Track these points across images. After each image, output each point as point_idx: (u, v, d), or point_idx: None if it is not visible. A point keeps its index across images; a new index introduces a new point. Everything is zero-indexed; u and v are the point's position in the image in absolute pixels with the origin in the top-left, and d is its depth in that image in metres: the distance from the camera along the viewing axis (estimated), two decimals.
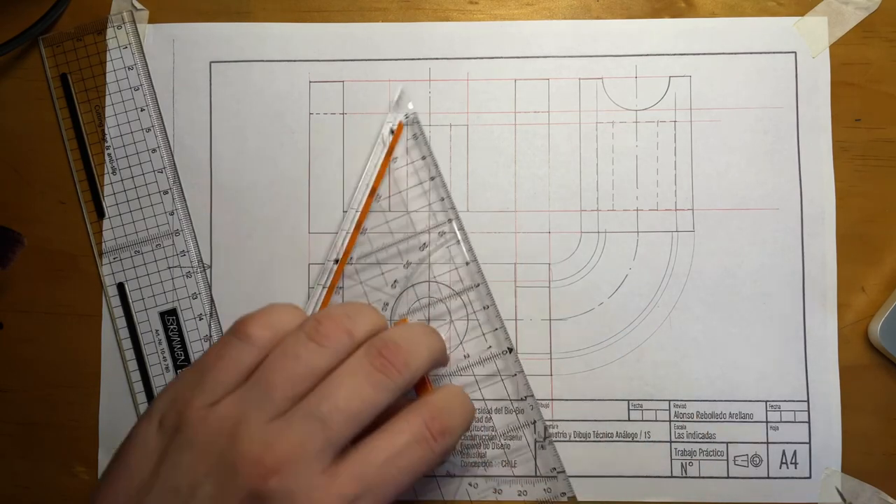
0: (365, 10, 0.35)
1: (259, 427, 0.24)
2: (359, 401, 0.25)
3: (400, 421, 0.26)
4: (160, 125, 0.35)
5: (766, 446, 0.33)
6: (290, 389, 0.25)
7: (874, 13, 0.34)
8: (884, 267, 0.34)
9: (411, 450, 0.25)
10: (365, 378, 0.25)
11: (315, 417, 0.24)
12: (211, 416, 0.24)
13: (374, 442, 0.25)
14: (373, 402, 0.25)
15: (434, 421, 0.26)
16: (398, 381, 0.26)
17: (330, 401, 0.24)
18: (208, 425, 0.24)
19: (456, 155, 0.35)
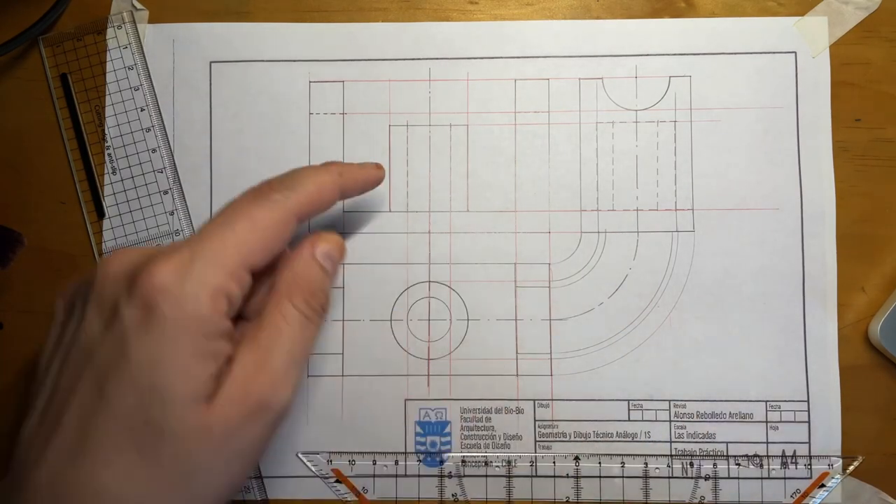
0: (365, 10, 0.35)
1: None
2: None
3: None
4: (160, 125, 0.35)
5: (766, 446, 0.33)
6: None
7: (874, 13, 0.34)
8: (884, 267, 0.34)
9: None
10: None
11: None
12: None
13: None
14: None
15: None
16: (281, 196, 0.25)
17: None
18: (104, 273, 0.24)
19: (456, 155, 0.35)
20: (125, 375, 0.22)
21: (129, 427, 0.22)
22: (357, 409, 0.34)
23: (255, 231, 0.24)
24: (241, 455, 0.23)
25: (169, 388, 0.22)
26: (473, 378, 0.34)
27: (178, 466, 0.22)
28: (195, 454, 0.22)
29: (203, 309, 0.23)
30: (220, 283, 0.23)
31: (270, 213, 0.25)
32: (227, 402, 0.23)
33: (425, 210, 0.34)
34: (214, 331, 0.23)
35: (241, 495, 0.34)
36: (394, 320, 0.34)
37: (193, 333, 0.23)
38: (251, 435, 0.23)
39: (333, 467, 0.34)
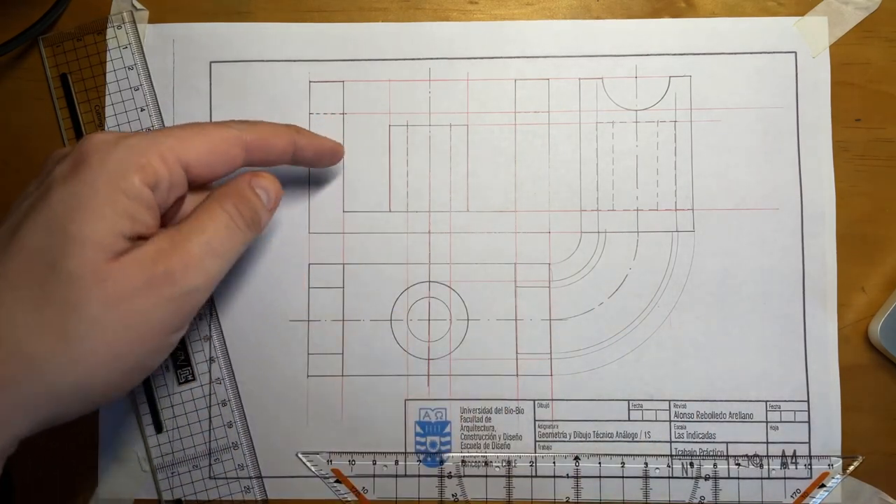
0: (365, 10, 0.35)
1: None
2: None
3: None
4: (160, 125, 0.35)
5: (766, 446, 0.33)
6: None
7: (874, 13, 0.34)
8: (884, 267, 0.34)
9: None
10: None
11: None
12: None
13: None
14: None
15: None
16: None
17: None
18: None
19: (456, 155, 0.35)
20: (40, 218, 0.23)
21: (30, 267, 0.22)
22: (357, 409, 0.34)
23: (201, 136, 0.26)
24: (129, 324, 0.23)
25: (78, 232, 0.22)
26: (473, 378, 0.34)
27: (65, 312, 0.22)
28: (84, 303, 0.22)
29: (127, 170, 0.24)
30: (151, 159, 0.24)
31: (219, 129, 0.26)
32: (132, 262, 0.23)
33: (425, 210, 0.34)
34: (135, 194, 0.24)
35: (242, 495, 0.34)
36: (394, 320, 0.34)
37: (113, 187, 0.23)
38: (147, 305, 0.23)
39: (333, 467, 0.34)
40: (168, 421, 0.34)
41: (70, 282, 0.22)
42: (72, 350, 0.22)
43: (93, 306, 0.22)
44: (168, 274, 0.24)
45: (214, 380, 0.34)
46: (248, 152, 0.27)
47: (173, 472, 0.34)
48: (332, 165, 0.33)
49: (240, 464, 0.34)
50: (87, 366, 0.22)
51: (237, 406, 0.34)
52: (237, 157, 0.27)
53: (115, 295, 0.23)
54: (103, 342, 0.22)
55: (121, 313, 0.23)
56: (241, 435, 0.34)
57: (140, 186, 0.24)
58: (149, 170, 0.24)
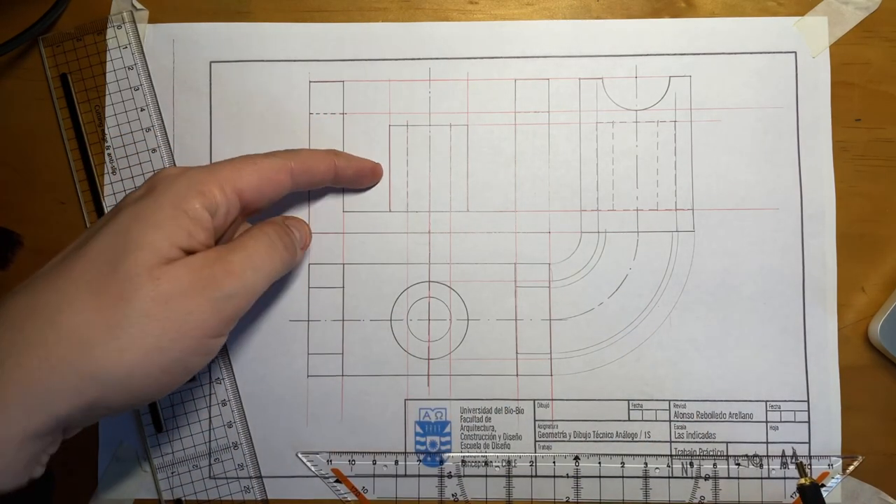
0: (365, 10, 0.35)
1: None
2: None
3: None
4: (160, 125, 0.35)
5: (766, 446, 0.33)
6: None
7: (874, 13, 0.34)
8: (884, 267, 0.34)
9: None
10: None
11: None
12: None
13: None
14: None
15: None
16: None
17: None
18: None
19: (456, 155, 0.35)
20: (108, 228, 0.26)
21: (92, 266, 0.25)
22: (357, 409, 0.34)
23: (252, 166, 0.29)
24: (174, 321, 0.25)
25: (139, 237, 0.25)
26: (473, 378, 0.34)
27: (118, 304, 0.24)
28: (136, 298, 0.25)
29: (190, 195, 0.27)
30: (211, 187, 0.27)
31: (268, 159, 0.30)
32: (182, 266, 0.26)
33: (425, 210, 0.34)
34: (195, 215, 0.27)
35: (241, 495, 0.34)
36: (394, 320, 0.34)
37: (176, 207, 0.26)
38: (191, 305, 0.26)
39: (333, 467, 0.34)
40: (168, 421, 0.34)
41: (126, 279, 0.25)
42: (120, 338, 0.24)
43: (143, 301, 0.25)
44: (211, 278, 0.26)
45: (214, 380, 0.34)
46: (293, 177, 0.30)
47: (173, 472, 0.34)
48: (373, 184, 0.34)
49: (240, 464, 0.34)
50: (132, 355, 0.24)
51: (237, 406, 0.34)
52: (285, 183, 0.30)
53: (164, 293, 0.25)
54: (149, 334, 0.25)
55: (167, 310, 0.25)
56: (241, 435, 0.34)
57: (200, 209, 0.27)
58: (209, 196, 0.27)
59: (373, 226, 0.34)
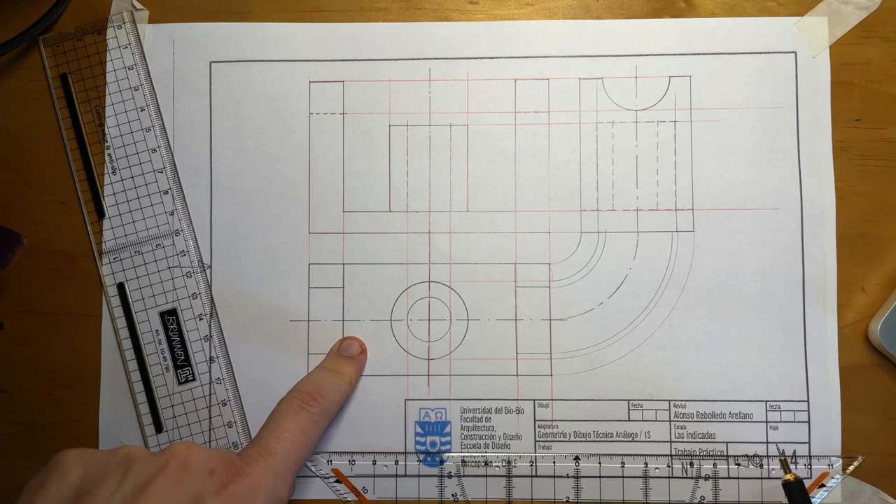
0: (365, 10, 0.35)
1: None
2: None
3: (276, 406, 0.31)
4: (160, 125, 0.35)
5: (766, 446, 0.33)
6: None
7: (874, 13, 0.34)
8: (884, 267, 0.34)
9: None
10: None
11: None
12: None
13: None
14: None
15: (301, 391, 0.31)
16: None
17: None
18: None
19: (456, 155, 0.35)
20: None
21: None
22: (357, 409, 0.34)
23: (308, 442, 0.30)
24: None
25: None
26: (473, 378, 0.34)
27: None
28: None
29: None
30: (285, 495, 0.29)
31: (316, 426, 0.31)
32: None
33: (425, 210, 0.34)
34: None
35: None
36: (394, 320, 0.34)
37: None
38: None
39: (333, 467, 0.34)
40: (168, 421, 0.34)
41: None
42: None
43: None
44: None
45: (214, 380, 0.34)
46: (328, 418, 0.32)
47: None
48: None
49: None
50: None
51: (237, 406, 0.34)
52: (323, 428, 0.32)
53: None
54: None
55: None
56: (241, 435, 0.34)
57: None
58: (287, 493, 0.29)
59: (373, 226, 0.34)
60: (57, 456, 0.27)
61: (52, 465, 0.26)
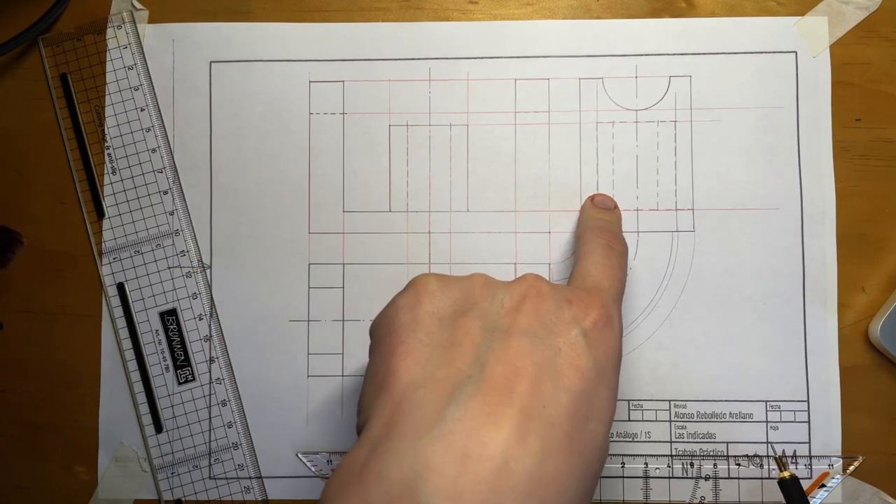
0: (365, 10, 0.35)
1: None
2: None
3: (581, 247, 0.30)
4: (160, 125, 0.35)
5: (766, 446, 0.33)
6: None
7: (874, 13, 0.34)
8: (884, 267, 0.34)
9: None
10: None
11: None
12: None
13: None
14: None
15: (605, 231, 0.31)
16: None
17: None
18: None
19: (456, 155, 0.35)
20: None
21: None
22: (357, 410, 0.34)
23: (624, 278, 0.29)
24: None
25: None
26: None
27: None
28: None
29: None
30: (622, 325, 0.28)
31: (625, 260, 0.30)
32: None
33: (425, 210, 0.34)
34: None
35: (242, 495, 0.34)
36: None
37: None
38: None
39: (333, 467, 0.34)
40: (168, 421, 0.34)
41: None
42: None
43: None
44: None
45: (214, 380, 0.34)
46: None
47: (173, 472, 0.34)
48: None
49: (240, 464, 0.34)
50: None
51: (237, 406, 0.34)
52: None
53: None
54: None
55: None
56: (241, 435, 0.34)
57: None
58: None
59: (373, 226, 0.34)
60: (420, 279, 0.27)
61: (419, 287, 0.26)
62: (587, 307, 0.26)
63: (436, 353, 0.24)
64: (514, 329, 0.24)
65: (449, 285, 0.26)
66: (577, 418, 0.23)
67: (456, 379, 0.23)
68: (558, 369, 0.24)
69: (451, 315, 0.25)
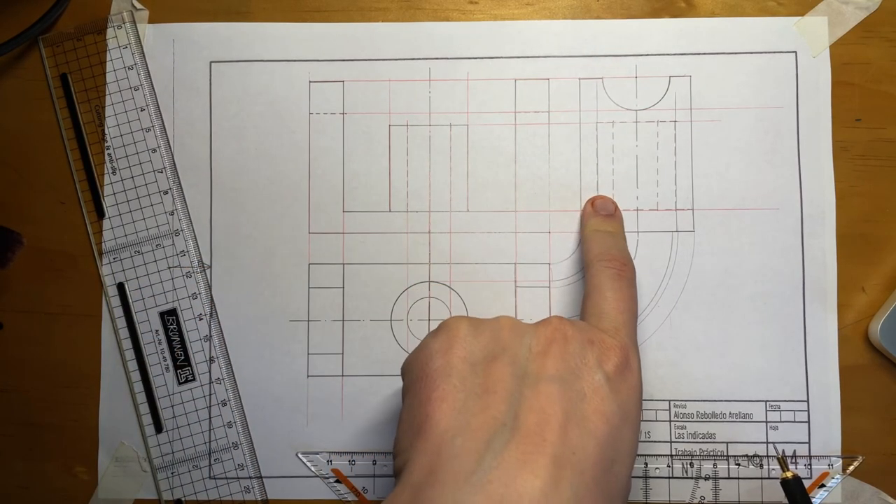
0: (365, 10, 0.35)
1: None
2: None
3: (592, 278, 0.31)
4: (160, 125, 0.35)
5: (766, 446, 0.33)
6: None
7: (874, 13, 0.34)
8: (884, 267, 0.34)
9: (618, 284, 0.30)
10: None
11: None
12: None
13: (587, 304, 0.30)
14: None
15: (613, 259, 0.31)
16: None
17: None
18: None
19: (456, 155, 0.35)
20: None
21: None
22: (357, 409, 0.34)
23: (636, 306, 0.30)
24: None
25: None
26: None
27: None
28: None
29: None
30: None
31: (635, 288, 0.31)
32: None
33: (425, 210, 0.34)
34: None
35: (242, 495, 0.34)
36: (394, 320, 0.34)
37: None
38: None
39: (333, 467, 0.34)
40: (168, 421, 0.34)
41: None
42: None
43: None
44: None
45: (214, 380, 0.34)
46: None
47: (173, 472, 0.34)
48: None
49: (240, 464, 0.34)
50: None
51: (237, 406, 0.34)
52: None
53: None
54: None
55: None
56: (241, 435, 0.34)
57: None
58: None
59: (373, 226, 0.34)
60: (451, 323, 0.28)
61: (451, 331, 0.27)
62: (608, 350, 0.26)
63: (470, 399, 0.25)
64: (542, 375, 0.25)
65: (479, 329, 0.27)
66: (603, 463, 0.24)
67: (491, 427, 0.24)
68: (585, 415, 0.24)
69: (482, 360, 0.26)
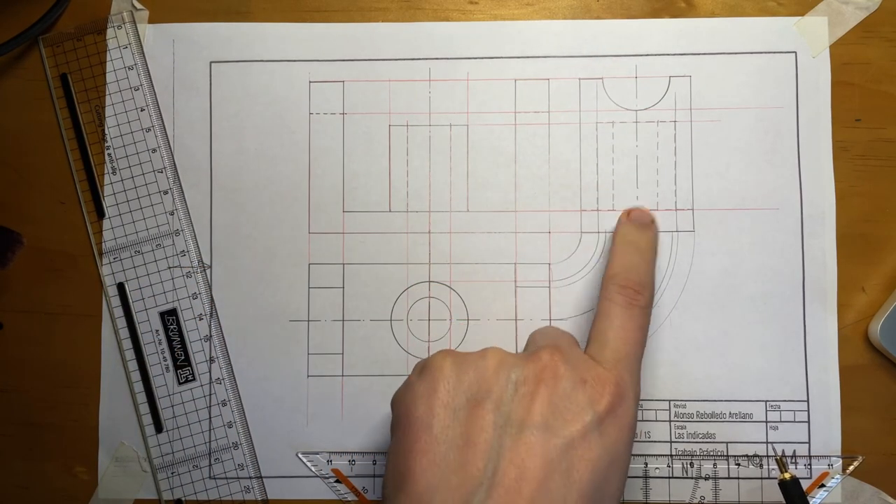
0: (365, 10, 0.35)
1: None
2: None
3: (603, 300, 0.30)
4: (160, 125, 0.35)
5: (766, 446, 0.33)
6: None
7: (874, 13, 0.34)
8: (884, 267, 0.34)
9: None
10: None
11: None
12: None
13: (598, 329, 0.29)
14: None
15: (628, 283, 0.30)
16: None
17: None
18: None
19: (456, 155, 0.35)
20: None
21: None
22: (357, 409, 0.34)
23: (644, 338, 0.30)
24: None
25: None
26: None
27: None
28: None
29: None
30: (639, 393, 0.29)
31: (648, 318, 0.30)
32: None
33: (425, 210, 0.34)
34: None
35: (242, 495, 0.34)
36: (394, 320, 0.34)
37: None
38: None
39: (333, 467, 0.34)
40: (168, 421, 0.34)
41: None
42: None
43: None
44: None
45: (214, 380, 0.34)
46: (652, 304, 0.31)
47: (173, 472, 0.34)
48: None
49: (240, 464, 0.34)
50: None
51: (237, 406, 0.34)
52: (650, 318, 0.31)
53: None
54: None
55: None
56: (241, 435, 0.34)
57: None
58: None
59: (373, 226, 0.34)
60: (437, 362, 0.27)
61: (435, 372, 0.27)
62: (602, 386, 0.26)
63: (451, 452, 0.25)
64: (526, 423, 0.25)
65: (463, 367, 0.27)
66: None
67: (469, 485, 0.24)
68: (570, 464, 0.24)
69: (465, 405, 0.26)
